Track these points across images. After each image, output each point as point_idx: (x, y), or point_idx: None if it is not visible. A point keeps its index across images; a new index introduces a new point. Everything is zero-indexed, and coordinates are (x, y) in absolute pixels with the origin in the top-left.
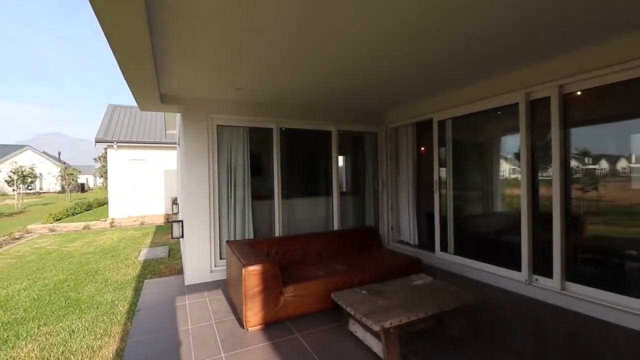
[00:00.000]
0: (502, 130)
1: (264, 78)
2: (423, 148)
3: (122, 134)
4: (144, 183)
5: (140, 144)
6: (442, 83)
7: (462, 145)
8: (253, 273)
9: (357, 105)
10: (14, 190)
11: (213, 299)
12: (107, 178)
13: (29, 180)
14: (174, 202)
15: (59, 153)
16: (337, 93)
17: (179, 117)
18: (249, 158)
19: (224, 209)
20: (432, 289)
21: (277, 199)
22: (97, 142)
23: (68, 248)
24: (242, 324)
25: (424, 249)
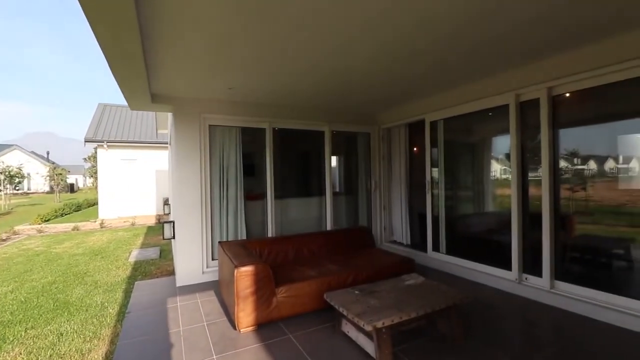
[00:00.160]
0: (493, 131)
1: (257, 78)
2: (415, 148)
3: (112, 134)
4: (135, 183)
5: (131, 144)
6: (434, 85)
7: (453, 146)
8: (245, 274)
9: (350, 106)
10: (1, 191)
11: (205, 301)
12: (97, 178)
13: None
14: (166, 202)
15: (48, 153)
16: (330, 94)
17: (171, 116)
18: (242, 158)
19: (216, 210)
20: (423, 289)
21: (269, 199)
22: (86, 141)
23: (57, 249)
24: (234, 326)
25: (417, 249)
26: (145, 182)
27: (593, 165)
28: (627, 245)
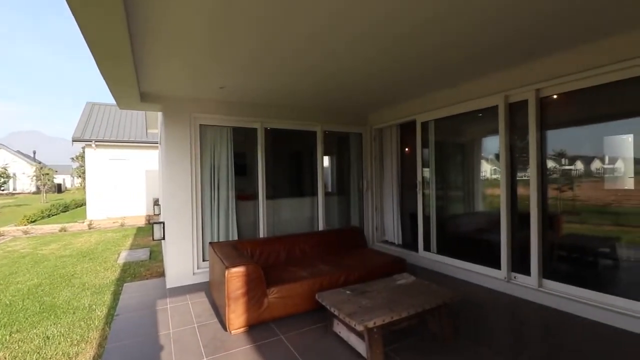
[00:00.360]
0: (483, 132)
1: (248, 78)
2: (407, 149)
3: (101, 133)
4: (125, 183)
5: (121, 143)
6: (425, 86)
7: (444, 146)
8: (236, 275)
9: (342, 106)
10: None
11: (195, 302)
12: (85, 178)
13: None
14: (156, 203)
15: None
16: (321, 94)
17: (161, 116)
18: (233, 158)
19: (207, 210)
20: (414, 288)
21: (261, 200)
22: (74, 140)
23: (43, 251)
24: (225, 327)
25: (408, 249)
26: (135, 182)
27: (580, 166)
28: (612, 244)
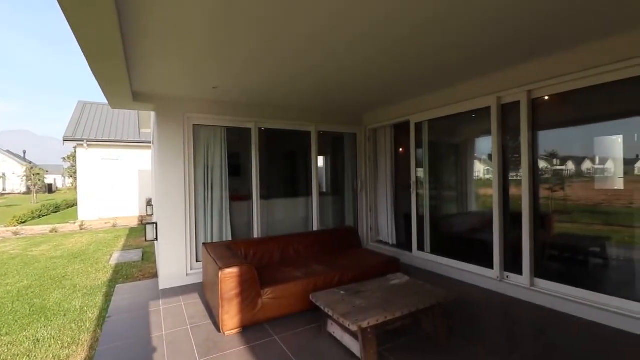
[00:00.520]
0: (476, 133)
1: (242, 78)
2: (401, 149)
3: (92, 133)
4: (117, 184)
5: (113, 143)
6: (418, 87)
7: (438, 147)
8: (230, 276)
9: (336, 107)
10: None
11: (189, 303)
12: (76, 178)
13: None
14: (149, 203)
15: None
16: (316, 94)
17: (154, 115)
18: (227, 158)
19: (201, 211)
20: (408, 288)
21: (255, 200)
22: (65, 140)
23: (33, 252)
24: (218, 328)
25: (402, 249)
26: (128, 182)
27: (571, 166)
28: (602, 244)
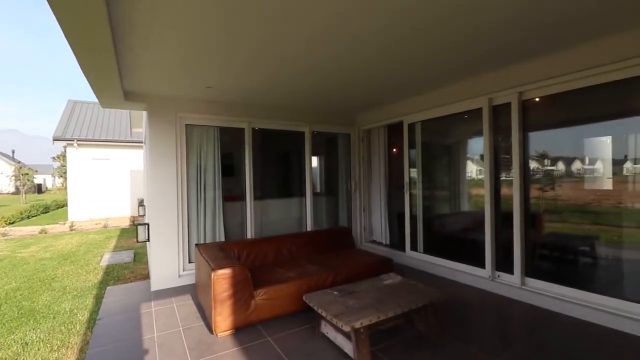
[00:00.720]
0: (468, 133)
1: (236, 78)
2: (394, 149)
3: (83, 132)
4: (108, 184)
5: (104, 143)
6: (411, 88)
7: (431, 147)
8: (223, 277)
9: (330, 107)
10: None
11: (181, 305)
12: (66, 178)
13: None
14: (141, 203)
15: (13, 151)
16: (309, 95)
17: (145, 115)
18: (220, 158)
19: (193, 211)
20: (401, 288)
21: (249, 200)
22: (55, 140)
23: (22, 254)
24: (211, 330)
25: (395, 249)
26: (119, 182)
27: (561, 167)
28: (592, 243)
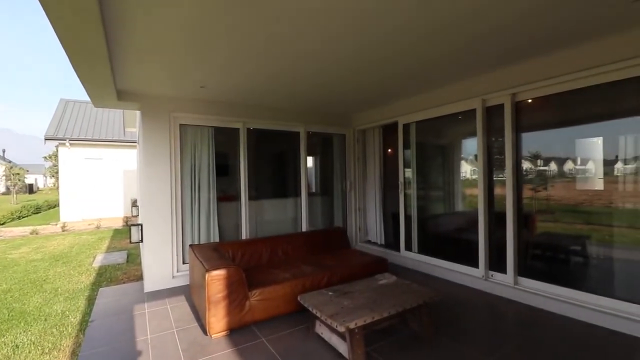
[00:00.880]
0: (462, 134)
1: (230, 78)
2: (389, 150)
3: (75, 131)
4: (101, 184)
5: (97, 142)
6: (406, 89)
7: (425, 148)
8: (217, 278)
9: (325, 108)
10: None
11: (175, 306)
12: (58, 178)
13: None
14: (134, 204)
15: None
16: (305, 95)
17: (139, 115)
18: (215, 158)
19: (187, 212)
20: (396, 288)
21: (243, 201)
22: (46, 139)
23: (12, 255)
24: (205, 331)
25: (390, 249)
26: (112, 182)
27: (553, 167)
28: (583, 242)
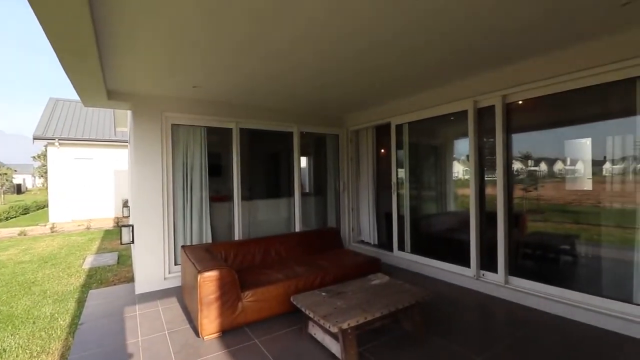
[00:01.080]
0: (454, 135)
1: (222, 77)
2: (382, 150)
3: (65, 131)
4: (91, 184)
5: (87, 142)
6: (399, 90)
7: (418, 148)
8: (209, 279)
9: (318, 108)
10: None
11: (167, 308)
12: (47, 178)
13: None
14: (125, 204)
15: None
16: (298, 95)
17: (130, 114)
18: (207, 159)
19: (179, 212)
20: (388, 288)
21: (236, 201)
22: (35, 138)
23: (0, 257)
24: (197, 333)
25: (383, 249)
26: (103, 182)
27: (543, 167)
28: (572, 242)
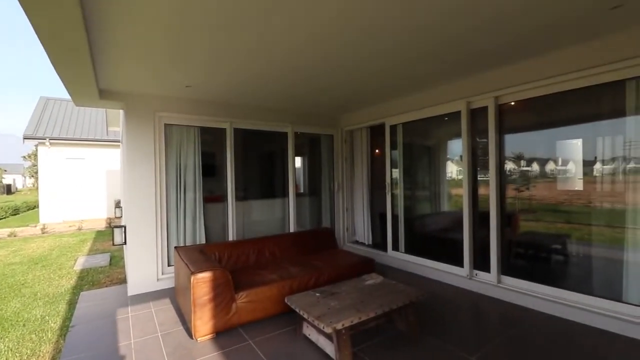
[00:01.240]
0: (448, 135)
1: (216, 77)
2: (377, 150)
3: (56, 130)
4: (83, 185)
5: (78, 142)
6: (393, 91)
7: (412, 148)
8: (202, 280)
9: (313, 108)
10: None
11: (160, 309)
12: (38, 179)
13: None
14: (117, 205)
15: None
16: (292, 95)
17: (122, 114)
18: (201, 159)
19: (173, 213)
20: (382, 288)
21: (230, 201)
22: (25, 138)
23: None
24: (191, 335)
25: (378, 249)
26: (95, 183)
27: (535, 167)
28: (563, 241)
